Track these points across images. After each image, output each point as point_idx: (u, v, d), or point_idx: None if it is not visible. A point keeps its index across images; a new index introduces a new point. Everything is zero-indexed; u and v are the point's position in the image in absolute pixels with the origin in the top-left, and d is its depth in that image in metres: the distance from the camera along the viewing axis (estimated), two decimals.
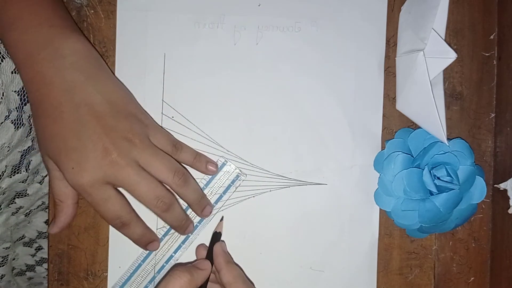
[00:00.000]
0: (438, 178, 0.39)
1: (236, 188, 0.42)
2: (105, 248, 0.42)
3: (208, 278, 0.37)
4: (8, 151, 0.39)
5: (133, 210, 0.37)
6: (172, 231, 0.41)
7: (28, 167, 0.43)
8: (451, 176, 0.39)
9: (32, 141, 0.42)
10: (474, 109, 0.43)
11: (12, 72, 0.37)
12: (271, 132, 0.42)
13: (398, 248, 0.43)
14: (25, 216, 0.50)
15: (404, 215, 0.40)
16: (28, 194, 0.47)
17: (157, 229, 0.41)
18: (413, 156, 0.41)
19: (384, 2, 0.42)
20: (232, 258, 0.41)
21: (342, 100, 0.42)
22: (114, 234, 0.41)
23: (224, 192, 0.42)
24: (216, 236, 0.40)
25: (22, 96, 0.38)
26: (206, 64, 0.42)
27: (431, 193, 0.39)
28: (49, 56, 0.35)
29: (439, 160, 0.39)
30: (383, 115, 0.42)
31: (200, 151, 0.41)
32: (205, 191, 0.41)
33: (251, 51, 0.42)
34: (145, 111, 0.40)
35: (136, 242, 0.39)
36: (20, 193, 0.46)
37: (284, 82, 0.42)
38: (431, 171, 0.39)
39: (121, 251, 0.41)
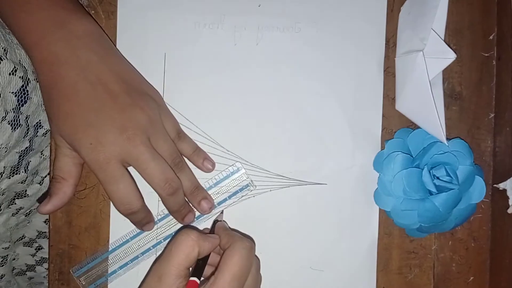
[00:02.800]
0: (438, 178, 0.39)
1: (243, 196, 0.42)
2: (105, 248, 0.42)
3: (210, 253, 0.36)
4: (6, 152, 0.39)
5: (142, 197, 0.37)
6: (168, 219, 0.41)
7: (27, 168, 0.44)
8: (450, 176, 0.39)
9: (29, 141, 0.42)
10: (474, 109, 0.43)
11: (9, 74, 0.37)
12: (271, 132, 0.42)
13: (398, 248, 0.43)
14: (25, 216, 0.51)
15: (403, 214, 0.40)
16: (28, 195, 0.47)
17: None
18: (412, 156, 0.41)
19: (384, 2, 0.42)
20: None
21: (342, 100, 0.42)
22: (114, 234, 0.42)
23: (230, 197, 0.42)
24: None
25: (19, 98, 0.39)
26: (206, 64, 0.42)
27: (431, 193, 0.39)
28: (65, 36, 0.35)
29: (439, 160, 0.40)
30: (383, 115, 0.42)
31: None
32: (212, 190, 0.41)
33: (251, 51, 0.42)
34: (157, 91, 0.40)
35: (134, 223, 0.39)
36: (19, 194, 0.46)
37: (284, 82, 0.42)
38: (431, 171, 0.39)
39: (121, 251, 0.42)
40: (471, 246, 0.43)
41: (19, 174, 0.43)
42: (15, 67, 0.37)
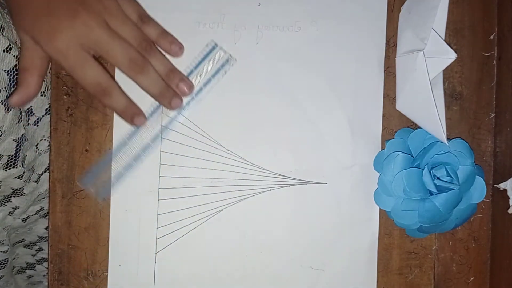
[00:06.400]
0: (438, 178, 0.39)
1: (226, 72, 0.41)
2: (105, 248, 0.42)
3: None
4: (1, 135, 0.38)
5: (113, 78, 0.38)
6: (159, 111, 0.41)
7: (24, 161, 0.43)
8: (451, 176, 0.39)
9: (24, 128, 0.41)
10: (474, 109, 0.43)
11: (3, 51, 0.37)
12: (271, 132, 0.42)
13: (398, 248, 0.43)
14: (23, 221, 0.50)
15: (404, 215, 0.40)
16: (24, 193, 0.46)
17: (157, 228, 0.41)
18: (413, 156, 0.41)
19: (384, 2, 0.42)
20: None
21: (342, 100, 0.42)
22: (114, 234, 0.42)
23: (213, 76, 0.41)
24: None
25: (11, 77, 0.38)
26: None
27: (431, 193, 0.39)
28: None
29: (439, 160, 0.40)
30: (383, 115, 0.42)
31: (200, 150, 0.41)
32: (193, 74, 0.41)
33: (251, 50, 0.42)
34: None
35: (121, 114, 0.39)
36: (16, 191, 0.46)
37: (284, 81, 0.42)
38: (431, 171, 0.39)
39: (121, 250, 0.42)
40: (472, 246, 0.43)
41: (16, 167, 0.42)
42: (10, 44, 0.37)
